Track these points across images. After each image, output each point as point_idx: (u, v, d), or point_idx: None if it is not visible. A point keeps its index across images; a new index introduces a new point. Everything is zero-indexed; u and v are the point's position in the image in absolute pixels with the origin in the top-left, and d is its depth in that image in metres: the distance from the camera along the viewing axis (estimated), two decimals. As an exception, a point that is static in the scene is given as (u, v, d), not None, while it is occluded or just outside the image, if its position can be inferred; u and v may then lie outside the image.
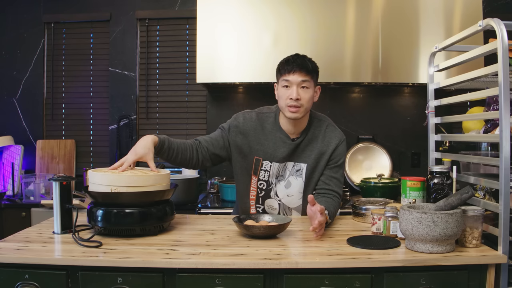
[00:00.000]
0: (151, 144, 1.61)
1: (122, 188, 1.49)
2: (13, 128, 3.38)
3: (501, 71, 1.38)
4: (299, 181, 1.79)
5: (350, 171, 3.02)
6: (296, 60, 1.69)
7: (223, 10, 2.82)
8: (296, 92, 1.66)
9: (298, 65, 1.67)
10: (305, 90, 1.68)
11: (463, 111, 2.60)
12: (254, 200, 1.83)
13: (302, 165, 1.78)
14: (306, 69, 1.67)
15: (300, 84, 1.67)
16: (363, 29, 2.80)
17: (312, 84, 1.70)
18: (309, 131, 1.79)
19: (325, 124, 1.82)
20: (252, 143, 1.78)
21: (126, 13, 3.34)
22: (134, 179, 1.52)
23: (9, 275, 1.31)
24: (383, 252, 1.36)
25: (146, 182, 1.53)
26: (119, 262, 1.28)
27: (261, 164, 1.79)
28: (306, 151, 1.78)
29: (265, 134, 1.79)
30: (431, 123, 1.92)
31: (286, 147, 1.77)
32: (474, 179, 1.61)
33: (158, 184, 1.56)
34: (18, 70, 3.41)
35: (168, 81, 3.37)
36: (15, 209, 2.86)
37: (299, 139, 1.78)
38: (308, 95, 1.69)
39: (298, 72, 1.67)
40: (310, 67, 1.69)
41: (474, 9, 2.77)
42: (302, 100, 1.67)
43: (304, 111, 1.70)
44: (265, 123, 1.80)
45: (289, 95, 1.67)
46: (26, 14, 3.40)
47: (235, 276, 1.29)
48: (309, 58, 1.74)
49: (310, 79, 1.69)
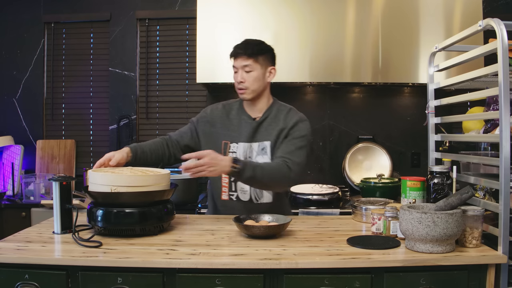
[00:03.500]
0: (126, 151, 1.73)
1: (122, 188, 1.49)
2: (13, 128, 3.38)
3: (501, 71, 1.38)
4: (265, 159, 1.82)
5: (350, 171, 3.02)
6: (239, 46, 1.82)
7: (223, 10, 2.82)
8: (241, 76, 1.81)
9: (241, 50, 1.80)
10: (250, 73, 1.80)
11: (463, 111, 2.60)
12: (227, 187, 1.86)
13: (266, 143, 1.84)
14: (247, 53, 1.79)
15: (243, 68, 1.81)
16: (363, 29, 2.80)
17: (257, 66, 1.81)
18: (272, 112, 1.88)
19: (289, 108, 1.91)
20: (219, 130, 1.88)
21: (126, 13, 3.34)
22: (134, 178, 1.52)
23: (9, 275, 1.31)
24: (383, 252, 1.36)
25: (146, 182, 1.53)
26: (119, 262, 1.28)
27: (228, 147, 1.85)
28: (269, 129, 1.85)
29: (230, 119, 1.90)
30: (431, 123, 1.92)
31: (249, 126, 1.85)
32: (474, 179, 1.61)
33: (158, 184, 1.56)
34: (18, 70, 3.41)
35: (168, 81, 3.37)
36: (15, 209, 2.86)
37: (261, 118, 1.87)
38: (252, 77, 1.80)
39: (240, 57, 1.80)
40: (251, 51, 1.79)
41: (474, 9, 2.77)
42: (246, 82, 1.81)
43: (252, 92, 1.82)
44: (231, 110, 1.92)
45: (235, 78, 1.83)
46: (26, 14, 3.40)
47: (235, 276, 1.29)
48: (255, 42, 1.84)
49: (254, 62, 1.80)
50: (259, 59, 1.81)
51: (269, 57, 1.85)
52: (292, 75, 2.80)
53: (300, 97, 3.23)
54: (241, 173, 1.62)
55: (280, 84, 2.95)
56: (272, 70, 1.87)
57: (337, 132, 3.21)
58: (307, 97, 3.23)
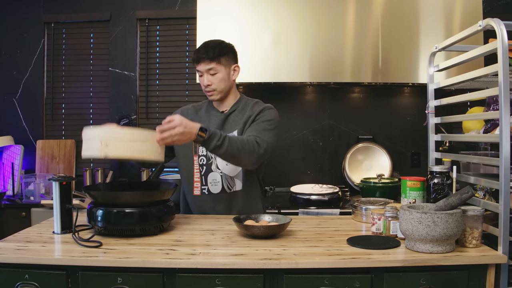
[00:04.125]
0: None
1: (111, 139, 1.43)
2: (13, 128, 3.38)
3: (501, 71, 1.38)
4: None
5: (350, 171, 3.02)
6: (201, 50, 1.84)
7: (223, 10, 2.82)
8: (206, 79, 1.85)
9: (203, 55, 1.83)
10: (215, 75, 1.84)
11: (463, 111, 2.60)
12: (199, 182, 1.88)
13: (234, 132, 1.87)
14: (209, 57, 1.82)
15: (208, 71, 1.84)
16: (363, 29, 2.80)
17: (221, 67, 1.84)
18: (239, 105, 1.93)
19: (256, 100, 1.96)
20: None
21: (126, 13, 3.34)
22: (123, 130, 1.47)
23: (9, 275, 1.31)
24: (383, 252, 1.36)
25: (137, 136, 1.47)
26: (119, 262, 1.28)
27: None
28: (236, 120, 1.90)
29: (200, 116, 1.96)
30: (431, 123, 1.92)
31: (218, 118, 1.91)
32: (474, 179, 1.61)
33: (148, 141, 1.49)
34: (18, 70, 3.41)
35: (168, 81, 3.37)
36: (15, 209, 2.85)
37: (229, 111, 1.92)
38: (218, 79, 1.85)
39: (203, 62, 1.83)
40: (213, 54, 1.82)
41: (474, 9, 2.77)
42: (213, 85, 1.85)
43: (220, 93, 1.87)
44: (200, 109, 2.00)
45: (201, 82, 1.87)
46: (26, 14, 3.40)
47: (235, 276, 1.29)
48: (215, 44, 1.85)
49: (217, 64, 1.83)
50: (222, 60, 1.84)
51: (231, 56, 1.89)
52: (292, 75, 2.80)
53: (300, 97, 3.23)
54: (208, 141, 1.60)
55: (280, 84, 2.96)
56: (236, 68, 1.91)
57: (337, 132, 3.21)
58: (307, 97, 3.23)
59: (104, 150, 1.42)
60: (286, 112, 3.20)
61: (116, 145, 1.43)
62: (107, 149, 1.42)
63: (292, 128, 3.21)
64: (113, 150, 1.43)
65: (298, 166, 3.22)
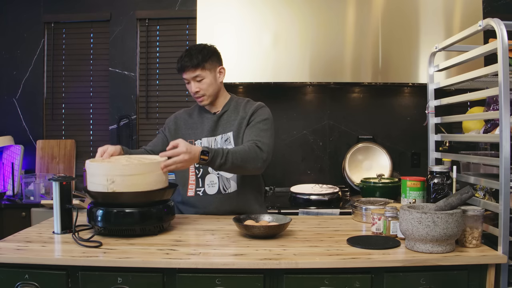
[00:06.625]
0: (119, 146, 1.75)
1: (118, 177, 1.47)
2: (13, 128, 3.38)
3: (501, 71, 1.38)
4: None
5: (350, 171, 3.02)
6: (184, 59, 1.85)
7: (223, 10, 2.82)
8: (194, 86, 1.86)
9: (187, 63, 1.84)
10: (202, 81, 1.86)
11: (463, 111, 2.60)
12: (193, 184, 1.89)
13: (229, 134, 1.89)
14: (193, 65, 1.83)
15: (194, 78, 1.86)
16: (363, 29, 2.80)
17: (206, 73, 1.86)
18: (231, 105, 1.95)
19: (246, 100, 1.98)
20: (183, 131, 1.97)
21: (126, 13, 3.34)
22: (129, 167, 1.49)
23: (9, 275, 1.31)
24: (383, 252, 1.36)
25: (141, 170, 1.50)
26: (119, 262, 1.28)
27: (193, 144, 1.89)
28: (230, 120, 1.91)
29: (193, 119, 1.99)
30: (431, 123, 1.92)
31: (211, 120, 1.93)
32: (474, 179, 1.61)
33: (154, 172, 1.53)
34: (18, 70, 3.41)
35: (168, 81, 3.37)
36: (15, 209, 2.86)
37: (220, 112, 1.94)
38: (205, 84, 1.86)
39: (187, 70, 1.85)
40: (196, 61, 1.82)
41: (474, 9, 2.77)
42: (201, 91, 1.87)
43: (209, 97, 1.89)
44: (193, 112, 2.02)
45: (190, 89, 1.89)
46: (26, 14, 3.40)
47: (235, 276, 1.29)
48: (198, 50, 1.85)
49: (202, 71, 1.84)
50: (206, 66, 1.85)
51: (215, 60, 1.89)
52: (292, 75, 2.80)
53: (300, 97, 3.23)
54: (212, 162, 1.63)
55: (280, 84, 2.96)
56: (221, 70, 1.93)
57: (337, 132, 3.21)
58: (307, 97, 3.23)
59: (111, 186, 1.48)
60: (286, 112, 3.20)
61: (123, 181, 1.48)
62: (113, 185, 1.48)
63: (292, 128, 3.21)
64: (119, 186, 1.48)
65: (298, 166, 3.22)
